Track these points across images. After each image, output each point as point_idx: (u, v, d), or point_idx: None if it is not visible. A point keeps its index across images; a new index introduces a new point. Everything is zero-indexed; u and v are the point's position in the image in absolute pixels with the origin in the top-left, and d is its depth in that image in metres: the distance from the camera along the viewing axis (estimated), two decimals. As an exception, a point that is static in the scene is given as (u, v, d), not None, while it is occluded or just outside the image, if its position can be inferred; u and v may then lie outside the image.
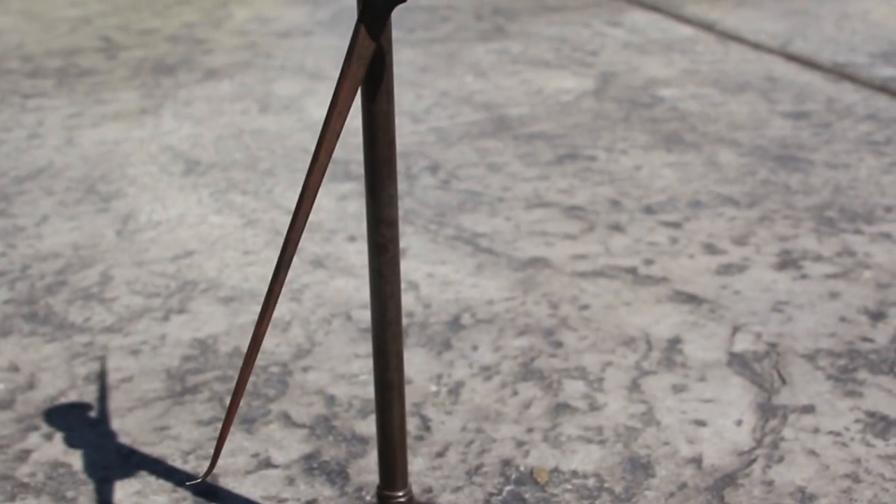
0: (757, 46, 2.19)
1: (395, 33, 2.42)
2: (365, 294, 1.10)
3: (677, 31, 2.36)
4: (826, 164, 1.47)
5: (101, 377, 0.96)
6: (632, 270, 1.15)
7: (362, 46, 0.55)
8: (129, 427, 0.89)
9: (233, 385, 0.94)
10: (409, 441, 0.84)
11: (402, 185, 1.42)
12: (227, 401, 0.92)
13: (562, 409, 0.89)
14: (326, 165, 0.55)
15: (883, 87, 1.86)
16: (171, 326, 1.05)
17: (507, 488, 0.79)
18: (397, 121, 1.72)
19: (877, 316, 1.04)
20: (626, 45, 2.22)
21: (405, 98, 1.84)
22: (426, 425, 0.88)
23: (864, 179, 1.41)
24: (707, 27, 2.39)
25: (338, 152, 1.57)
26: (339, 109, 0.54)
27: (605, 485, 0.79)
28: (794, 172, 1.44)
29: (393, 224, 0.62)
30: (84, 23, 2.65)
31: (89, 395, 0.94)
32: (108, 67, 2.16)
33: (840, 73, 1.97)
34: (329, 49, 2.25)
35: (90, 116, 1.81)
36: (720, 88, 1.86)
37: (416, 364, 0.97)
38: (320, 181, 0.55)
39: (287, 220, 1.32)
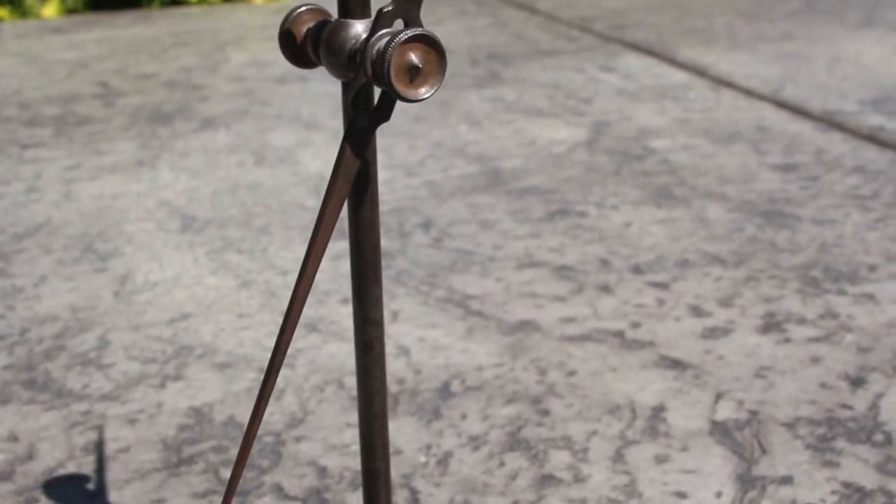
0: (749, 93, 2.22)
1: (391, 79, 2.44)
2: (357, 361, 1.12)
3: (671, 76, 2.39)
4: (813, 220, 1.49)
5: (99, 447, 0.98)
6: (619, 334, 1.17)
7: (348, 164, 0.57)
8: (126, 500, 0.91)
9: (228, 456, 0.96)
10: (398, 518, 0.86)
11: (395, 244, 1.45)
12: (223, 472, 0.94)
13: (547, 480, 0.92)
14: (314, 276, 0.57)
15: (871, 137, 1.88)
16: (168, 394, 1.07)
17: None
18: (391, 174, 1.74)
19: (856, 382, 1.06)
20: (620, 92, 2.24)
21: (399, 150, 1.87)
22: (415, 497, 0.90)
23: (850, 236, 1.43)
24: (700, 72, 2.42)
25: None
26: (325, 224, 0.57)
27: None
28: (781, 229, 1.46)
29: (378, 324, 0.64)
30: (81, 66, 2.68)
31: (87, 466, 0.96)
32: (106, 115, 2.19)
33: (830, 121, 2.00)
34: (324, 97, 2.28)
35: (88, 169, 1.84)
36: (711, 139, 1.89)
37: (407, 434, 1.00)
38: (307, 293, 0.57)
39: (281, 280, 1.35)
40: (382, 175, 1.72)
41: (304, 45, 0.62)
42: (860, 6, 3.31)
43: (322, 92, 2.33)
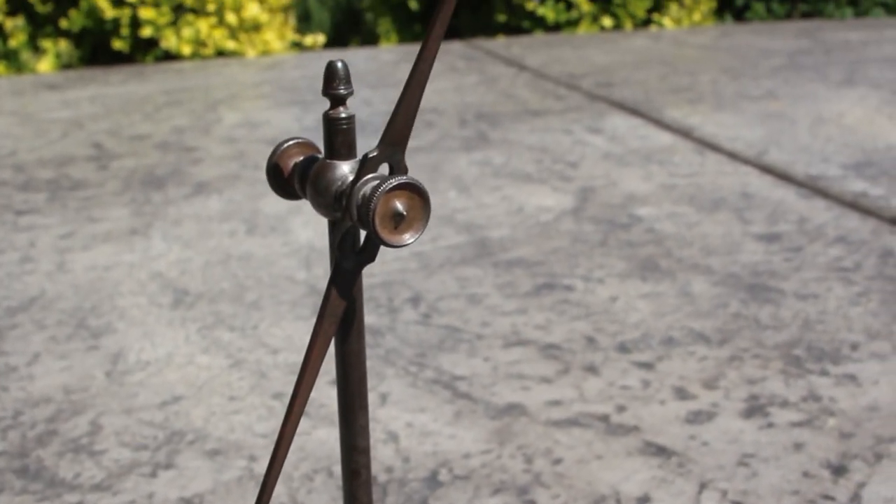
0: (733, 156, 2.25)
1: (381, 141, 2.47)
2: (346, 449, 1.14)
3: (657, 138, 2.42)
4: (796, 295, 1.52)
5: (90, 541, 1.00)
6: (604, 418, 1.19)
7: (334, 306, 0.59)
8: None
9: (217, 554, 0.97)
10: None
11: (384, 320, 1.46)
12: (212, 572, 0.95)
13: (534, 576, 0.93)
14: (301, 415, 0.59)
15: (854, 204, 1.91)
16: (159, 484, 1.09)
17: None
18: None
19: (838, 470, 1.08)
20: (606, 156, 2.27)
21: (389, 220, 1.89)
22: None
23: (832, 312, 1.46)
24: (685, 133, 2.45)
25: (323, 281, 1.61)
26: (312, 365, 0.59)
27: None
28: (765, 304, 1.49)
29: (365, 451, 0.66)
30: (76, 126, 2.71)
31: (78, 561, 0.97)
32: (100, 179, 2.21)
33: (813, 187, 2.03)
34: (316, 160, 2.30)
35: (82, 237, 1.86)
36: (696, 206, 1.91)
37: (395, 526, 1.01)
38: (294, 432, 0.59)
39: (271, 360, 1.36)
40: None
41: (290, 180, 0.65)
42: (842, 61, 3.35)
43: (313, 155, 2.35)
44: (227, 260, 1.72)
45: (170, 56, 3.81)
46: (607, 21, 4.23)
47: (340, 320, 0.62)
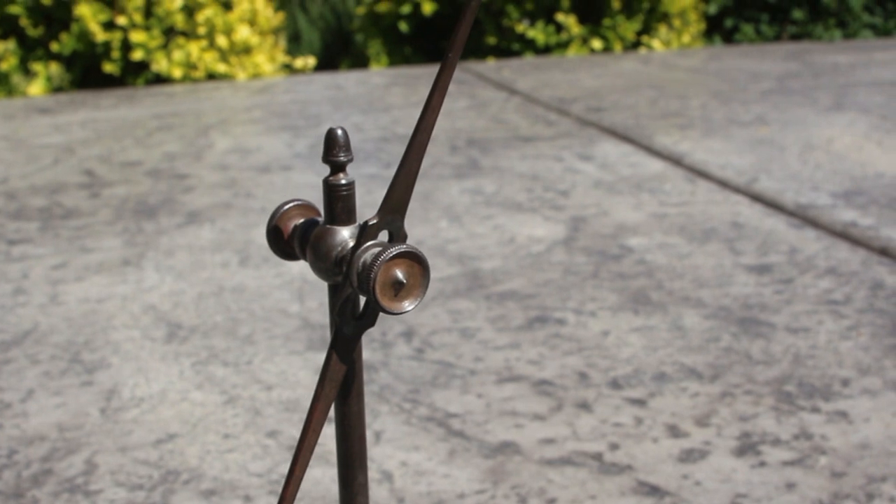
0: (724, 184, 2.26)
1: (372, 168, 2.49)
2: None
3: (647, 166, 2.43)
4: (787, 329, 1.53)
5: (87, 585, 1.00)
6: (597, 457, 1.20)
7: (335, 371, 0.60)
8: None
9: None
10: None
11: (377, 355, 1.47)
12: None
13: None
14: (301, 479, 0.60)
15: (843, 234, 1.92)
16: (154, 526, 1.09)
17: None
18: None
19: (830, 511, 1.09)
20: (597, 184, 2.29)
21: (381, 251, 1.90)
22: None
23: (823, 347, 1.47)
24: (676, 160, 2.46)
25: (316, 314, 1.62)
26: (313, 428, 0.59)
27: None
28: (756, 339, 1.50)
29: (364, 509, 0.67)
30: (67, 152, 2.71)
31: None
32: (92, 208, 2.21)
33: (803, 216, 2.04)
34: (307, 187, 2.31)
35: (74, 268, 1.86)
36: (687, 237, 1.92)
37: (390, 569, 1.02)
38: (295, 495, 0.59)
39: (265, 397, 1.37)
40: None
41: (290, 242, 0.65)
42: (831, 85, 3.37)
43: (304, 183, 2.36)
44: (220, 292, 1.72)
45: (160, 79, 3.82)
46: (597, 43, 4.25)
47: (341, 383, 0.63)
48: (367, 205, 2.18)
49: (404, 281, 0.58)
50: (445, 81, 0.58)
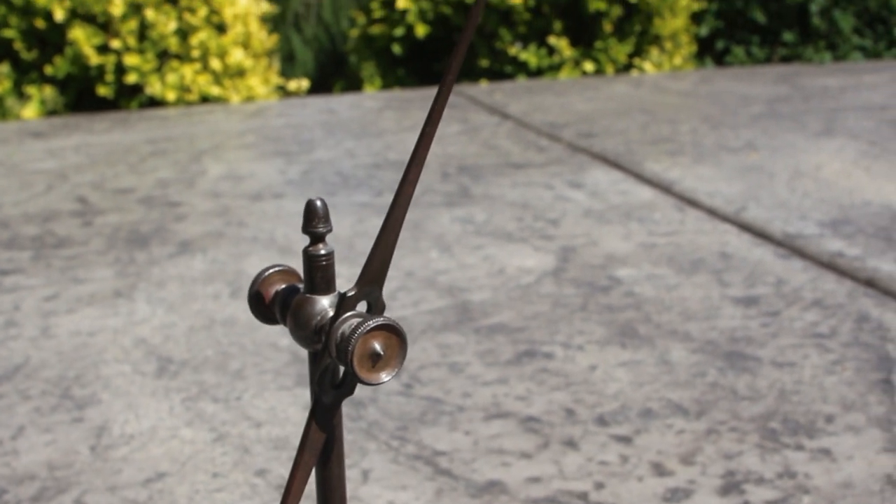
0: (712, 213, 2.28)
1: (364, 196, 2.50)
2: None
3: (637, 194, 2.45)
4: (772, 363, 1.54)
5: None
6: (583, 496, 1.21)
7: (314, 440, 0.61)
8: None
9: None
10: None
11: (366, 391, 1.48)
12: None
13: None
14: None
15: (830, 265, 1.94)
16: (142, 569, 1.10)
17: None
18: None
19: (812, 553, 1.10)
20: (587, 213, 2.30)
21: (371, 283, 1.91)
22: None
23: (808, 382, 1.48)
24: (666, 188, 2.48)
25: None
26: (293, 495, 0.61)
27: None
28: (742, 373, 1.51)
29: (344, 570, 0.68)
30: (60, 178, 2.72)
31: None
32: (84, 237, 2.22)
33: (791, 246, 2.06)
34: (299, 217, 2.32)
35: (66, 300, 1.87)
36: (675, 268, 1.94)
37: None
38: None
39: (254, 434, 1.38)
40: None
41: (271, 308, 0.67)
42: (821, 109, 3.39)
43: (296, 212, 2.37)
44: (210, 325, 1.73)
45: (154, 102, 3.83)
46: (589, 66, 4.27)
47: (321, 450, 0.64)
48: (359, 234, 2.20)
49: (382, 353, 0.59)
50: (423, 153, 0.60)
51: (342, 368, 0.62)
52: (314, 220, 0.62)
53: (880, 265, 1.91)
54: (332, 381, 0.62)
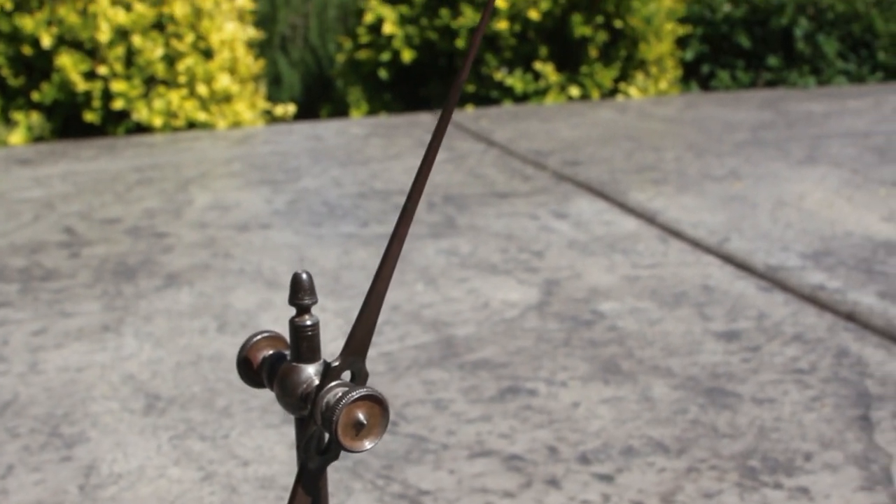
0: (696, 244, 2.30)
1: (350, 227, 2.52)
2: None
3: (621, 224, 2.47)
4: (752, 399, 1.56)
5: None
6: (565, 537, 1.23)
7: (300, 503, 0.63)
8: None
9: None
10: None
11: (352, 429, 1.50)
12: None
13: None
14: None
15: (811, 298, 1.96)
16: None
17: None
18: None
19: None
20: (571, 244, 2.32)
21: (357, 317, 1.93)
22: None
23: (787, 419, 1.50)
24: (650, 218, 2.50)
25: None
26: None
27: None
28: (723, 410, 1.53)
29: None
30: (47, 208, 2.74)
31: None
32: (71, 269, 2.24)
33: (773, 278, 2.08)
34: (285, 248, 2.34)
35: (54, 334, 1.89)
36: (658, 301, 1.96)
37: None
38: None
39: (241, 473, 1.39)
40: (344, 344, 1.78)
41: (259, 373, 0.68)
42: (804, 136, 3.43)
43: (282, 243, 2.39)
44: (197, 361, 1.75)
45: (141, 128, 3.85)
46: (574, 91, 4.30)
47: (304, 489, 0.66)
48: (344, 266, 2.22)
49: (365, 422, 0.61)
50: (404, 230, 0.62)
51: (328, 435, 0.63)
52: (300, 293, 0.64)
53: (860, 298, 1.94)
54: (317, 447, 0.63)
